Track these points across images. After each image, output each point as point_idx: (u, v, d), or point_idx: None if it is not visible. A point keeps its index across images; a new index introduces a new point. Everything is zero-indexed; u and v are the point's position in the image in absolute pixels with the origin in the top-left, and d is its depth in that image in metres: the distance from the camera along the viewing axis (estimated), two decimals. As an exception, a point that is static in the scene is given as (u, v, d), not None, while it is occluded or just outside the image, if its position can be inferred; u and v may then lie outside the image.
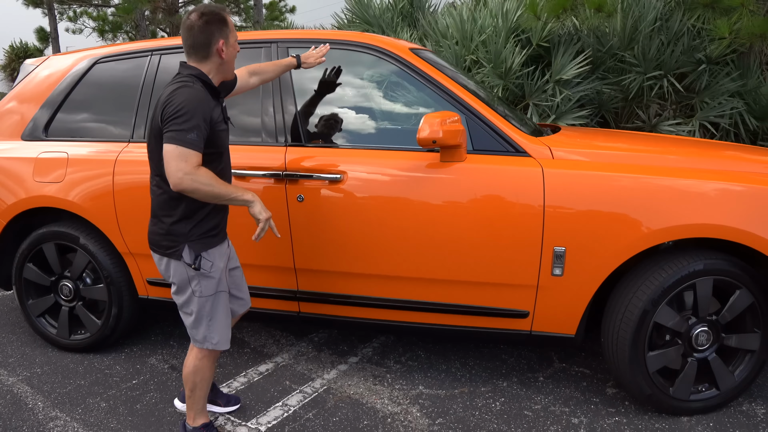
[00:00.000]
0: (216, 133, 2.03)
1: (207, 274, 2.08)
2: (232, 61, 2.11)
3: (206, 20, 2.00)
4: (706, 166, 2.43)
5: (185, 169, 1.88)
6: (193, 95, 1.94)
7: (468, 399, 2.64)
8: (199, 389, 2.22)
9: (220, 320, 2.15)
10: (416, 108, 2.67)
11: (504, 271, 2.46)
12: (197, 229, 2.06)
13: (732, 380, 2.46)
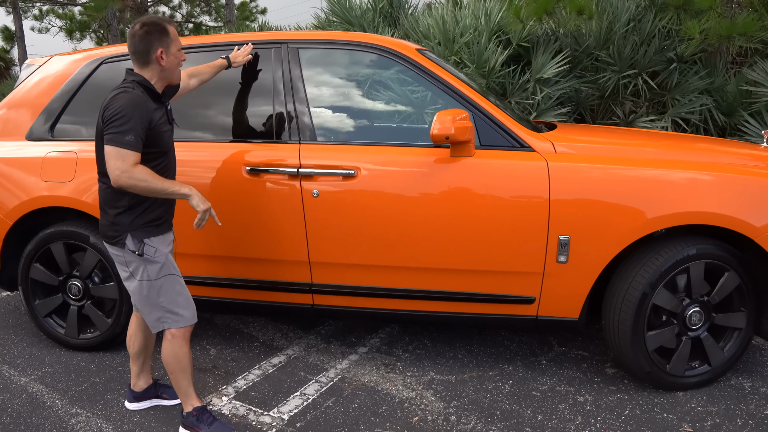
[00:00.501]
0: (158, 134, 2.19)
1: (151, 259, 2.22)
2: (175, 68, 2.26)
3: (146, 30, 2.17)
4: (695, 158, 2.62)
5: (122, 168, 2.06)
6: (131, 100, 2.10)
7: (478, 383, 2.77)
8: (177, 371, 2.31)
9: (172, 298, 2.25)
10: (424, 106, 2.79)
11: (512, 260, 2.60)
12: (139, 219, 2.22)
13: (722, 356, 2.66)
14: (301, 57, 2.84)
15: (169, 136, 2.29)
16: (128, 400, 2.61)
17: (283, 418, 2.50)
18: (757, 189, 2.47)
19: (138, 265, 2.23)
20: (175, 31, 2.25)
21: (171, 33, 2.22)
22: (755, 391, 2.66)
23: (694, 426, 2.40)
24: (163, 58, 2.20)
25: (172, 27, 2.24)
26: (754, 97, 5.56)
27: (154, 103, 2.21)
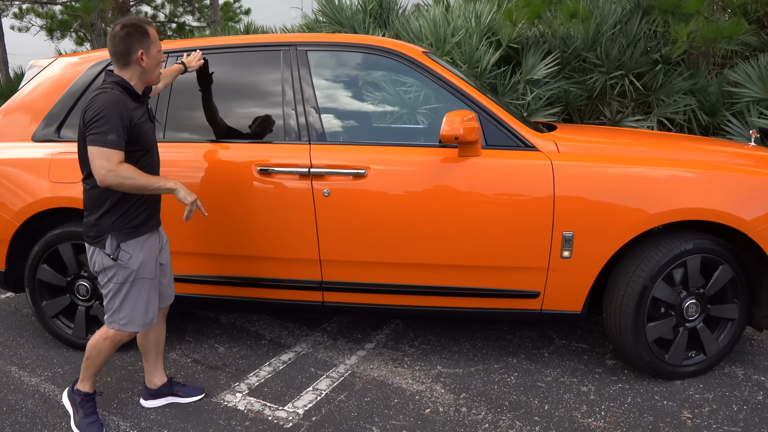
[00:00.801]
0: (140, 132, 2.25)
1: (124, 265, 2.28)
2: (154, 69, 2.31)
3: (127, 31, 2.21)
4: (690, 157, 2.75)
5: (108, 167, 2.10)
6: (110, 100, 2.14)
7: (484, 375, 2.86)
8: (91, 361, 2.40)
9: (132, 303, 2.31)
10: (431, 107, 2.86)
11: (518, 256, 2.70)
12: (121, 220, 2.26)
13: (716, 346, 2.78)
14: (309, 59, 2.90)
15: (151, 133, 2.35)
16: (144, 398, 2.65)
17: (299, 412, 2.56)
18: (749, 186, 2.60)
19: (111, 267, 2.29)
20: (155, 33, 2.29)
21: (151, 34, 2.27)
22: (748, 378, 2.79)
23: (693, 412, 2.52)
24: (143, 59, 2.25)
25: (152, 28, 2.29)
26: (735, 98, 5.75)
27: (133, 103, 2.26)
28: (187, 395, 2.65)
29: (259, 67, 2.92)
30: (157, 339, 2.60)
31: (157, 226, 2.43)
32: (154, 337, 2.59)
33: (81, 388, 2.47)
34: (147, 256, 2.34)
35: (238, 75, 2.93)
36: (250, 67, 2.92)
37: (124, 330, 2.35)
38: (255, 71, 2.92)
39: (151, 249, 2.37)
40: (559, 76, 6.19)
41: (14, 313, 3.72)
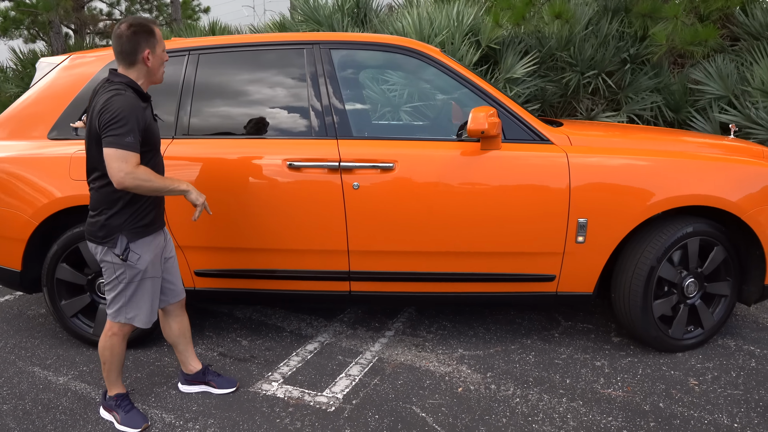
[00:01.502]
0: (150, 133, 2.30)
1: (132, 265, 2.34)
2: (159, 69, 2.35)
3: (134, 31, 2.25)
4: (687, 148, 3.01)
5: (126, 169, 2.15)
6: (127, 102, 2.18)
7: (504, 355, 3.04)
8: (110, 363, 2.47)
9: (138, 300, 2.39)
10: (452, 103, 3.01)
11: (536, 242, 2.88)
12: (131, 220, 2.32)
13: (712, 320, 3.06)
14: (333, 57, 3.00)
15: (157, 132, 2.39)
16: (180, 383, 2.74)
17: (338, 397, 2.67)
18: (741, 174, 2.87)
19: (119, 266, 2.34)
20: (160, 33, 2.34)
21: (157, 34, 2.30)
22: (739, 348, 3.08)
23: (698, 379, 2.77)
24: (149, 59, 2.28)
25: (157, 28, 2.33)
26: (698, 95, 6.16)
27: (142, 103, 2.30)
28: (220, 386, 2.72)
29: (284, 65, 3.00)
30: (182, 330, 2.66)
31: (162, 226, 2.49)
32: (178, 329, 2.65)
33: (111, 393, 2.51)
34: (154, 255, 2.40)
35: (263, 73, 3.00)
36: (276, 64, 2.99)
37: (129, 324, 2.41)
38: (280, 69, 3.00)
39: (157, 248, 2.43)
40: (535, 75, 6.47)
41: (19, 316, 3.66)
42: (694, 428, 2.39)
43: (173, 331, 2.64)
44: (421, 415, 2.52)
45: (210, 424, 2.47)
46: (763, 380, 2.76)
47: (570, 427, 2.42)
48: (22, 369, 2.98)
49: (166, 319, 2.63)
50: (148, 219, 2.37)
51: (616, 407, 2.55)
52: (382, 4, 8.40)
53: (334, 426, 2.44)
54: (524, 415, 2.50)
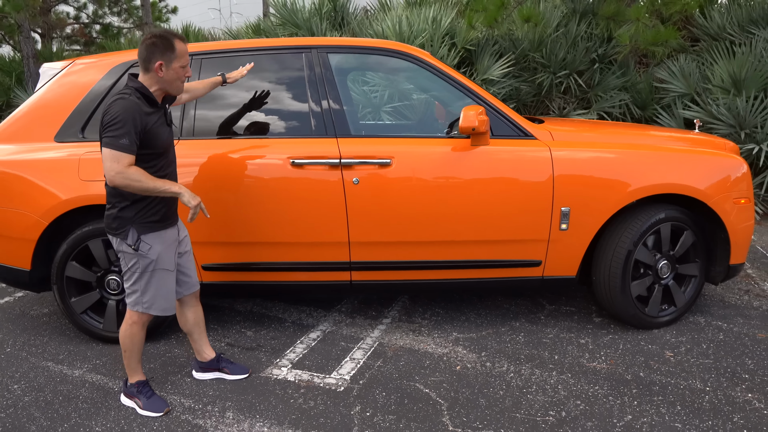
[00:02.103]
0: (153, 136, 2.42)
1: (144, 255, 2.49)
2: (173, 81, 2.46)
3: (153, 41, 2.40)
4: (658, 142, 3.29)
5: (117, 169, 2.30)
6: (126, 106, 2.32)
7: (496, 337, 3.27)
8: (130, 351, 2.62)
9: (152, 290, 2.53)
10: (445, 102, 3.23)
11: (524, 230, 3.12)
12: (141, 214, 2.46)
13: (684, 299, 3.34)
14: (330, 60, 3.18)
15: (166, 137, 2.51)
16: (195, 370, 2.89)
17: (345, 378, 2.85)
18: (707, 165, 3.16)
19: (132, 256, 2.49)
20: (183, 48, 2.44)
21: (177, 49, 2.41)
22: (709, 324, 3.37)
23: (673, 351, 3.05)
24: (162, 70, 2.41)
25: (180, 43, 2.44)
26: (663, 93, 6.54)
27: (149, 108, 2.43)
28: (233, 373, 2.87)
29: (284, 68, 3.17)
30: (196, 320, 2.82)
31: (175, 222, 2.64)
32: (193, 318, 2.80)
33: (132, 380, 2.66)
34: (165, 248, 2.55)
35: (264, 76, 3.17)
36: (276, 68, 3.16)
37: (147, 313, 2.56)
38: (280, 72, 3.16)
39: (168, 242, 2.57)
40: (510, 75, 6.76)
41: (23, 315, 3.73)
42: (672, 393, 2.65)
43: (189, 320, 2.79)
44: (424, 391, 2.72)
45: (228, 407, 2.63)
46: (731, 350, 3.05)
47: (561, 396, 2.65)
48: (36, 364, 3.08)
49: (182, 309, 2.78)
50: (159, 215, 2.52)
51: (601, 378, 2.80)
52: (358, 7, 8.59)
53: (345, 403, 2.63)
54: (519, 388, 2.73)
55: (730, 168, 3.21)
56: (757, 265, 4.41)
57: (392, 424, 2.46)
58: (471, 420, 2.48)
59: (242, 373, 2.89)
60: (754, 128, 5.59)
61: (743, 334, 3.24)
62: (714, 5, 7.05)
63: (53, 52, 12.45)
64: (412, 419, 2.49)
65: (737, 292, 3.86)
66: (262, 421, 2.51)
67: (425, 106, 5.20)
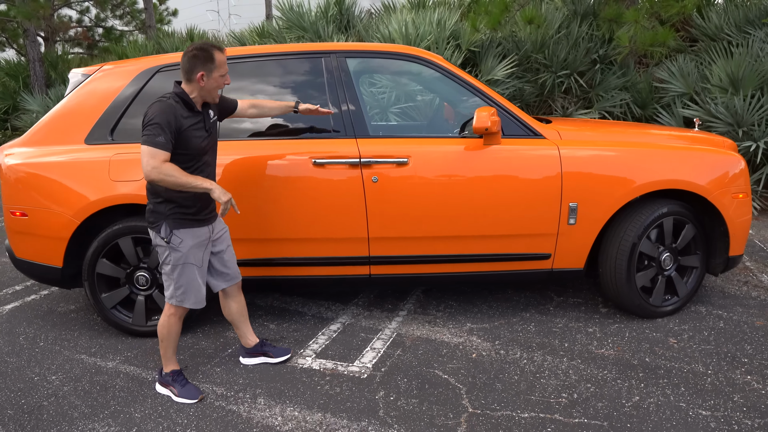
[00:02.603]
0: (187, 139, 2.57)
1: (175, 248, 2.65)
2: (213, 90, 2.63)
3: (194, 54, 2.56)
4: (661, 140, 3.45)
5: (152, 164, 2.46)
6: (163, 108, 2.50)
7: (508, 327, 3.43)
8: (167, 341, 2.78)
9: (184, 283, 2.69)
10: (455, 104, 3.39)
11: (534, 224, 3.28)
12: (174, 210, 2.62)
13: (686, 289, 3.50)
14: (348, 64, 3.34)
15: (200, 142, 2.63)
16: (242, 356, 3.07)
17: (368, 366, 3.01)
18: (707, 161, 3.33)
19: (165, 249, 2.66)
20: (222, 59, 2.60)
21: (216, 60, 2.57)
22: (710, 313, 3.54)
23: (677, 338, 3.21)
24: (203, 80, 2.58)
25: (220, 54, 2.59)
26: (662, 92, 6.71)
27: (187, 112, 2.59)
28: (276, 355, 3.05)
29: (305, 72, 3.32)
30: (240, 309, 2.98)
31: (208, 220, 2.77)
32: (237, 308, 2.96)
33: (167, 369, 2.81)
34: (195, 244, 2.70)
35: (286, 79, 3.32)
36: (296, 72, 3.31)
37: (181, 305, 2.72)
38: (301, 76, 3.32)
39: (199, 239, 2.72)
40: (513, 76, 6.92)
41: (51, 312, 3.88)
42: (676, 376, 2.82)
43: (232, 310, 2.96)
44: (443, 377, 2.88)
45: (259, 393, 2.78)
46: (730, 337, 3.21)
47: (572, 380, 2.81)
48: (70, 357, 3.23)
49: (226, 300, 2.95)
50: (191, 211, 2.66)
51: (609, 363, 2.96)
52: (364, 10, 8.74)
53: (370, 389, 2.79)
54: (532, 373, 2.89)
55: (729, 164, 3.38)
56: (755, 258, 4.58)
57: (416, 407, 2.62)
58: (489, 402, 2.64)
59: (285, 354, 3.06)
60: (752, 126, 5.76)
61: (742, 322, 3.40)
62: (711, 6, 7.22)
63: (59, 56, 12.58)
64: (433, 402, 2.65)
65: (736, 283, 4.03)
66: (292, 406, 2.66)
67: (431, 107, 5.36)
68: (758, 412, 2.51)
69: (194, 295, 2.73)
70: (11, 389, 2.89)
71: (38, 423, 2.60)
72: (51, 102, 10.22)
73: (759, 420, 2.45)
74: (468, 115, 3.47)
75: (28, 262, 3.44)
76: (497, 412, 2.56)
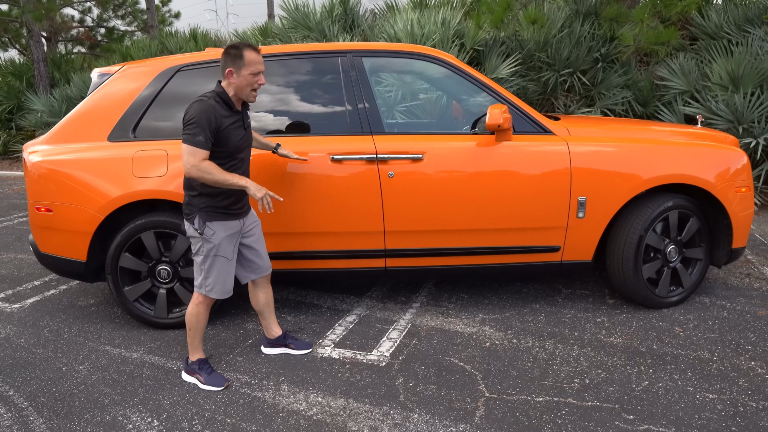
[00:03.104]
0: (226, 137, 2.67)
1: (207, 239, 2.76)
2: (244, 88, 2.68)
3: (226, 51, 2.67)
4: (665, 137, 3.56)
5: (192, 162, 2.58)
6: (203, 107, 2.60)
7: (519, 317, 3.54)
8: (194, 329, 2.88)
9: (213, 274, 2.80)
10: (467, 102, 3.49)
11: (544, 218, 3.39)
12: (208, 203, 2.73)
13: (691, 280, 3.62)
14: (364, 64, 3.44)
15: (238, 139, 2.73)
16: (264, 346, 3.17)
17: (386, 355, 3.11)
18: (711, 156, 3.44)
19: (198, 240, 2.78)
20: (253, 57, 2.64)
21: (246, 58, 2.63)
22: (713, 303, 3.65)
23: (682, 327, 3.32)
24: (232, 77, 2.66)
25: (250, 53, 2.63)
26: (664, 90, 6.82)
27: (227, 111, 2.68)
28: (298, 348, 3.15)
29: (322, 71, 3.42)
30: (267, 300, 3.09)
31: (240, 214, 2.86)
32: (264, 299, 3.07)
33: (193, 358, 2.92)
34: (226, 236, 2.80)
35: (304, 79, 3.42)
36: (314, 71, 3.41)
37: (209, 296, 2.83)
38: (319, 75, 3.42)
39: (230, 231, 2.82)
40: (517, 75, 7.03)
41: (72, 306, 3.98)
42: (683, 362, 2.93)
43: (260, 300, 3.08)
44: (459, 364, 2.99)
45: (282, 381, 2.89)
46: (734, 326, 3.33)
47: (583, 366, 2.93)
48: (95, 348, 3.33)
49: (254, 290, 3.06)
50: (224, 204, 2.76)
51: (618, 350, 3.08)
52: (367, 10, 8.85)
53: (389, 376, 2.89)
54: (545, 360, 3.00)
55: (732, 160, 3.49)
56: (757, 251, 4.70)
57: (435, 392, 2.73)
58: (505, 387, 2.75)
59: (306, 348, 3.17)
60: (752, 123, 5.88)
61: (745, 311, 3.52)
62: (711, 5, 7.34)
63: (62, 56, 12.65)
64: (451, 387, 2.76)
65: (739, 275, 4.14)
66: (315, 392, 2.77)
67: (437, 105, 5.46)
68: (762, 395, 2.62)
69: (222, 285, 2.84)
70: (41, 378, 2.99)
71: (71, 409, 2.69)
72: (55, 101, 10.30)
73: (764, 402, 2.57)
74: (478, 113, 3.58)
75: (52, 257, 3.54)
76: (513, 397, 2.67)
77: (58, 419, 2.62)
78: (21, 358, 3.21)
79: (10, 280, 4.52)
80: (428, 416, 2.54)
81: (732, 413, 2.49)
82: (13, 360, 3.19)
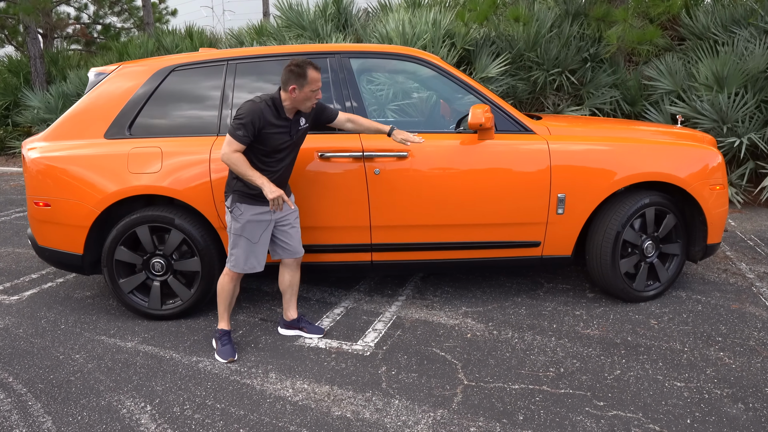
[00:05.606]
0: (267, 137, 2.90)
1: (236, 218, 3.02)
2: (303, 102, 2.93)
3: (290, 69, 2.89)
4: (643, 136, 3.69)
5: (226, 150, 2.87)
6: (252, 108, 2.84)
7: (500, 310, 3.67)
8: (220, 298, 3.15)
9: (238, 251, 3.06)
10: (453, 101, 3.61)
11: (525, 214, 3.51)
12: (241, 186, 2.99)
13: (667, 275, 3.75)
14: (352, 64, 3.56)
15: (278, 144, 2.94)
16: (280, 326, 3.42)
17: (370, 345, 3.24)
18: (686, 155, 3.57)
19: (230, 217, 3.06)
20: (314, 76, 2.87)
21: (309, 76, 2.86)
22: (689, 297, 3.79)
23: (657, 320, 3.46)
24: (294, 92, 2.90)
25: (313, 72, 2.86)
26: (651, 90, 6.95)
27: (275, 117, 2.90)
28: (310, 332, 3.36)
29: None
30: (292, 282, 3.31)
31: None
32: (289, 280, 3.30)
33: (219, 326, 3.21)
34: (252, 219, 3.02)
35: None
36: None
37: (233, 270, 3.09)
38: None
39: (257, 216, 3.02)
40: (506, 74, 7.15)
41: (68, 298, 4.09)
42: (655, 353, 3.06)
43: (285, 280, 3.30)
44: (441, 354, 3.11)
45: (270, 369, 3.01)
46: (707, 319, 3.46)
47: (559, 356, 3.06)
48: (91, 338, 3.44)
49: (283, 270, 3.29)
50: (252, 192, 2.99)
51: (594, 342, 3.21)
52: (360, 9, 8.96)
53: (373, 364, 3.02)
54: (523, 350, 3.13)
55: (707, 158, 3.62)
56: (736, 248, 4.83)
57: (415, 380, 2.85)
58: (483, 376, 2.88)
59: (318, 332, 3.34)
60: (736, 123, 6.01)
61: (719, 305, 3.65)
62: (699, 6, 7.47)
63: (59, 52, 12.72)
64: (432, 376, 2.89)
65: (716, 271, 4.28)
66: (302, 380, 2.89)
67: (427, 104, 5.59)
68: (727, 383, 2.75)
69: (242, 263, 3.07)
70: (39, 366, 3.11)
71: (68, 395, 2.82)
72: (52, 98, 10.38)
73: (728, 390, 2.70)
74: (463, 112, 3.70)
75: (50, 250, 3.66)
76: (490, 384, 2.80)
77: (56, 404, 2.74)
78: (19, 348, 3.33)
79: (8, 273, 4.64)
80: (408, 402, 2.67)
81: (697, 400, 2.63)
82: (12, 349, 3.31)
